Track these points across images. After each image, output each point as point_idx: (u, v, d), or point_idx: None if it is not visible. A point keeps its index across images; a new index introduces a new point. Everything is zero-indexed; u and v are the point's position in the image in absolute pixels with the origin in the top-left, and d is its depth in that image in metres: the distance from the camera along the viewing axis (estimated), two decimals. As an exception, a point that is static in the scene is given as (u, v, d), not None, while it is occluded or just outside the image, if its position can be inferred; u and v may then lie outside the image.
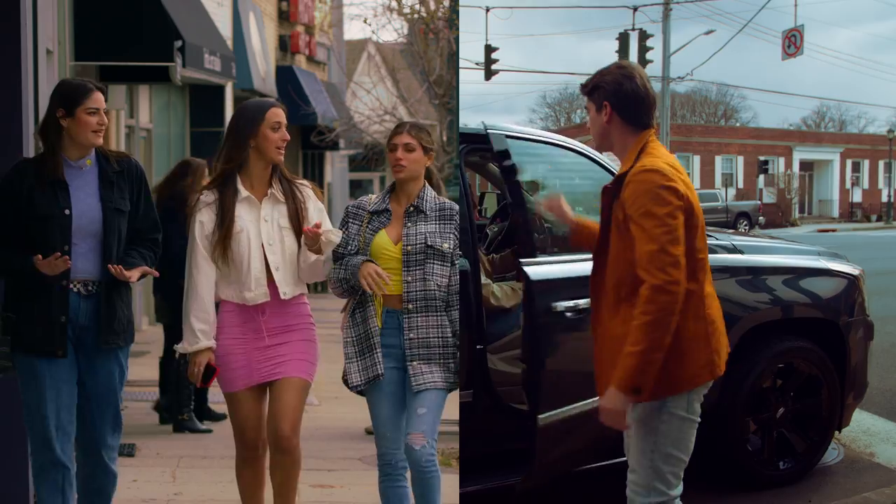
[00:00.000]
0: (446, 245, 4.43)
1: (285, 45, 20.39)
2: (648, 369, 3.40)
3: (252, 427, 4.49)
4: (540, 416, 4.80)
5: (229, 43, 15.07)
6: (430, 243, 4.41)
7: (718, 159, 47.81)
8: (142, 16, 10.45)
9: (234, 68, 13.57)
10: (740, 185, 47.65)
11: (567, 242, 4.63)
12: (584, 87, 3.78)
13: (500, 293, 5.59)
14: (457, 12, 12.84)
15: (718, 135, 49.64)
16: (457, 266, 4.49)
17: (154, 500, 5.80)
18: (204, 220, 4.40)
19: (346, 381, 4.48)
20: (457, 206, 4.55)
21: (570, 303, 4.93)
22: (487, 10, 29.78)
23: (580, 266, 4.65)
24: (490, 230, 7.02)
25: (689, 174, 3.61)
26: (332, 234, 4.40)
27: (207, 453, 6.84)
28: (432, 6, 14.64)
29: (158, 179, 8.01)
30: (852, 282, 6.04)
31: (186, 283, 4.43)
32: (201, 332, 4.38)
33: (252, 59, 16.55)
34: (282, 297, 4.42)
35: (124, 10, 10.43)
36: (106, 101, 4.42)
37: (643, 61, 28.74)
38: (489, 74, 28.88)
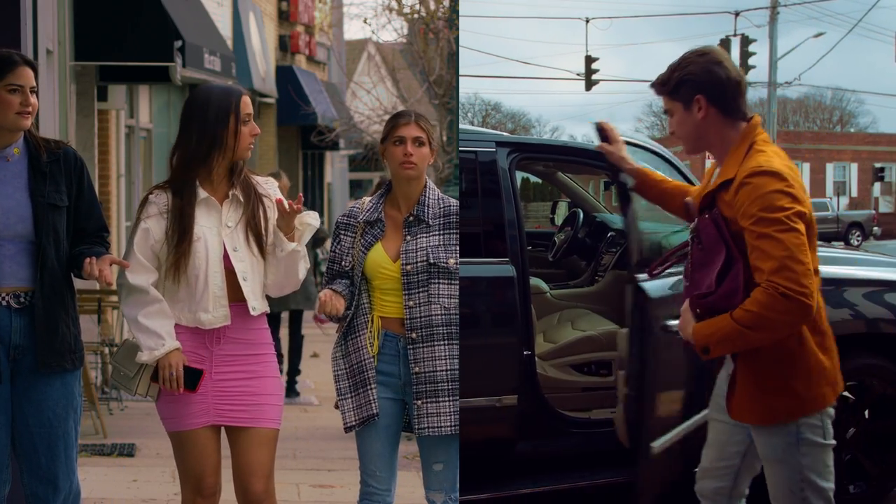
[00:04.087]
0: (452, 260, 3.84)
1: (285, 45, 20.39)
2: (728, 346, 3.15)
3: (213, 471, 3.78)
4: (654, 444, 4.26)
5: (229, 43, 15.07)
6: (432, 260, 3.83)
7: (829, 167, 44.15)
8: (142, 16, 10.44)
9: (234, 68, 13.56)
10: (853, 194, 43.88)
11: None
12: (662, 86, 3.31)
13: None
14: (457, 12, 12.83)
15: (829, 141, 45.94)
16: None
17: (154, 500, 5.81)
18: (151, 228, 3.69)
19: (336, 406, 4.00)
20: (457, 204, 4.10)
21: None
22: (587, 20, 30.01)
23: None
24: (557, 238, 7.12)
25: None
26: (308, 217, 3.79)
27: (207, 453, 6.84)
28: (432, 6, 14.61)
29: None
30: None
31: (122, 292, 3.72)
32: (164, 331, 3.63)
33: (252, 58, 16.56)
34: (251, 312, 3.73)
35: (124, 11, 10.42)
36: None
37: (746, 67, 27.52)
38: (589, 85, 28.98)
